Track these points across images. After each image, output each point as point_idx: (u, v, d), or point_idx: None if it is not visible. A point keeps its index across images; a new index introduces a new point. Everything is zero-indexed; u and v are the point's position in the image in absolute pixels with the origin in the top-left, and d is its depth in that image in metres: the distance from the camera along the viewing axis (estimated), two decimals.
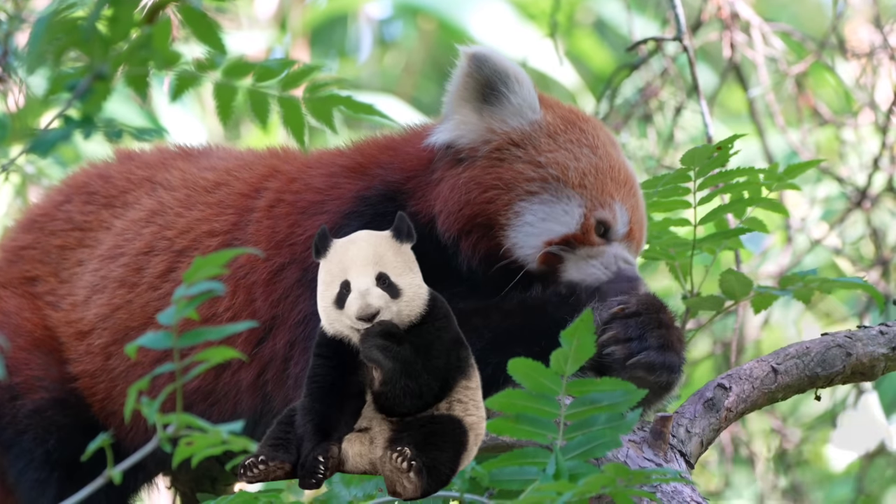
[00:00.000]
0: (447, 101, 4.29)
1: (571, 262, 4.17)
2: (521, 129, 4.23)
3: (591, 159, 4.22)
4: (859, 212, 6.96)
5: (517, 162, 4.20)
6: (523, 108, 4.23)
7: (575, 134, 4.26)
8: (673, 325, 4.04)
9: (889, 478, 8.14)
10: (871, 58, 6.85)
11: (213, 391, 4.31)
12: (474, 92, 4.24)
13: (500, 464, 3.50)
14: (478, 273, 4.18)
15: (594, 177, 4.20)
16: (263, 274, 4.28)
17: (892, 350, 4.21)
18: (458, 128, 4.23)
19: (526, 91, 4.24)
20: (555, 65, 8.02)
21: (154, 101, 8.14)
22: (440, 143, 4.24)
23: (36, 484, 4.44)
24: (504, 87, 4.22)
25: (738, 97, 8.33)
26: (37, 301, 4.64)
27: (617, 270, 4.16)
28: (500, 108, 4.22)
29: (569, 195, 4.17)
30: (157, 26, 3.49)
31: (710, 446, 4.03)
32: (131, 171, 4.74)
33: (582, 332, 3.41)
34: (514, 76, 4.23)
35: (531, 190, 4.17)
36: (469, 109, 4.24)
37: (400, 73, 10.67)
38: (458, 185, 4.18)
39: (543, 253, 4.15)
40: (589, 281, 4.15)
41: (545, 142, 4.23)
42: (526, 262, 4.16)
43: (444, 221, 4.19)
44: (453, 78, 4.27)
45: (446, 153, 4.25)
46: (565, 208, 4.17)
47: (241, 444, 3.22)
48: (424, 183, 4.25)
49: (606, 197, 4.20)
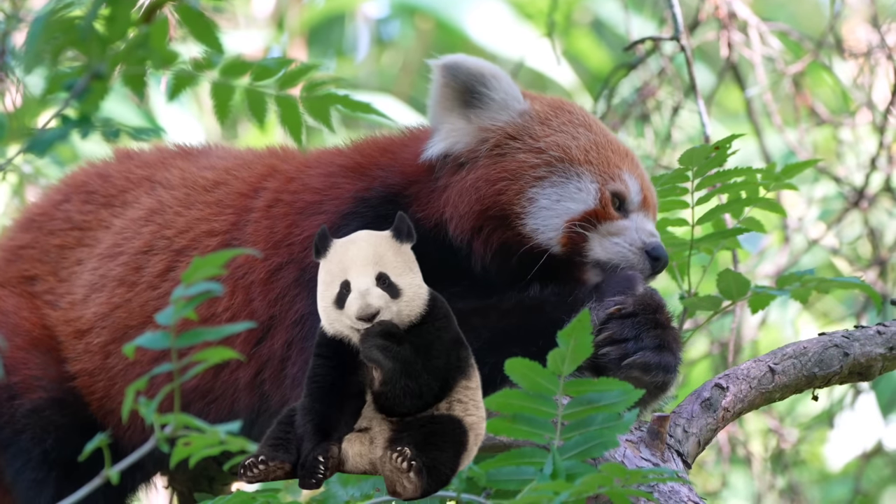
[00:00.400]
0: (431, 115, 4.30)
1: (595, 241, 4.17)
2: (513, 122, 4.24)
3: (588, 136, 4.24)
4: (857, 212, 6.96)
5: (518, 153, 4.21)
6: (508, 101, 4.25)
7: (566, 116, 4.28)
8: (669, 324, 4.04)
9: (886, 477, 8.15)
10: (868, 57, 6.85)
11: (210, 390, 4.32)
12: (455, 100, 4.25)
13: (497, 464, 3.50)
14: (492, 272, 4.18)
15: (597, 152, 4.22)
16: (261, 274, 4.28)
17: (889, 350, 4.21)
18: (449, 136, 4.24)
19: (506, 85, 4.26)
20: (552, 64, 8.02)
21: (151, 100, 8.14)
22: (435, 155, 4.25)
23: (33, 483, 4.44)
24: (483, 87, 4.23)
25: (735, 97, 8.34)
26: (35, 300, 4.64)
27: (643, 245, 4.16)
28: (486, 107, 4.24)
29: (578, 172, 4.19)
30: (154, 26, 3.49)
31: (707, 446, 4.03)
32: (130, 170, 4.74)
33: (579, 332, 3.42)
34: (489, 74, 4.24)
35: (539, 175, 4.18)
36: (455, 117, 4.25)
37: (397, 72, 10.67)
38: (466, 187, 4.19)
39: (565, 234, 4.15)
40: (616, 259, 4.15)
41: (540, 129, 4.24)
42: (549, 246, 4.15)
43: (456, 225, 4.19)
44: (431, 92, 4.28)
45: (445, 162, 4.25)
46: (578, 185, 4.18)
47: (239, 444, 3.22)
48: (428, 190, 4.25)
49: (614, 169, 4.21)
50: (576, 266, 4.18)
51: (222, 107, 3.70)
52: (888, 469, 8.09)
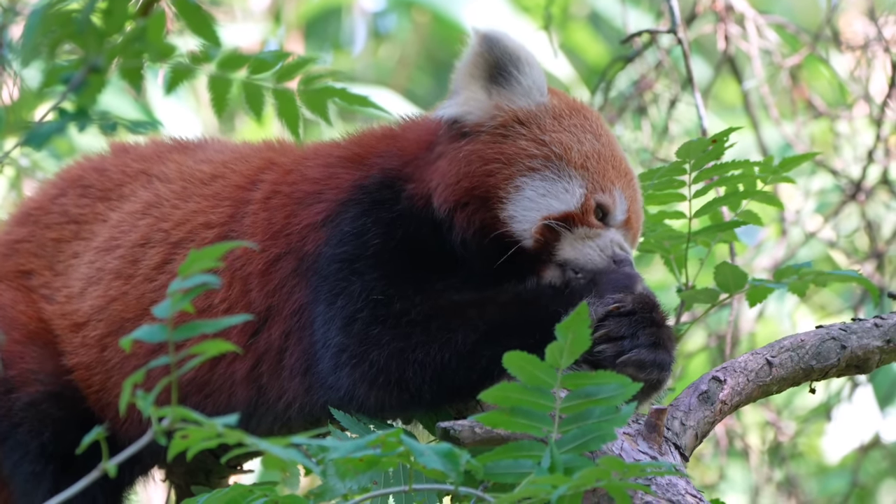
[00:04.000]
0: (456, 77, 4.29)
1: (568, 241, 4.16)
2: (528, 108, 4.23)
3: (594, 144, 4.23)
4: (854, 204, 6.97)
5: (521, 139, 4.20)
6: (532, 90, 4.24)
7: (579, 119, 4.27)
8: (665, 323, 4.04)
9: (884, 470, 8.17)
10: (865, 50, 6.86)
11: (207, 383, 4.31)
12: (484, 71, 4.24)
13: (495, 457, 3.50)
14: (471, 247, 4.17)
15: (596, 161, 4.21)
16: (259, 265, 4.28)
17: (886, 342, 4.22)
18: (466, 103, 4.24)
19: (536, 74, 4.26)
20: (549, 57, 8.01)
21: (148, 93, 8.14)
22: (447, 117, 4.24)
23: (31, 477, 4.44)
24: (515, 68, 4.23)
25: (732, 90, 8.35)
26: (32, 294, 4.64)
27: (612, 255, 4.15)
28: (509, 88, 4.23)
29: (570, 174, 4.18)
30: (151, 19, 3.49)
31: (704, 439, 4.03)
32: (127, 163, 4.74)
33: (577, 325, 3.41)
34: (525, 59, 4.24)
35: (533, 166, 4.18)
36: (478, 87, 4.25)
37: (394, 65, 10.67)
38: (459, 157, 4.18)
39: (540, 226, 4.14)
40: (583, 261, 4.14)
41: (550, 122, 4.23)
42: (522, 237, 4.14)
43: (440, 193, 4.18)
44: (464, 56, 4.27)
45: (450, 129, 4.24)
46: (566, 186, 4.17)
47: (236, 437, 3.21)
48: (423, 164, 4.25)
49: (608, 182, 4.20)
50: (541, 262, 4.17)
51: (219, 100, 3.70)
52: (885, 462, 8.10)
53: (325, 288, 4.15)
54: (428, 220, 4.18)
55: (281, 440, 3.23)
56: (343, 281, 4.13)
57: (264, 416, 4.29)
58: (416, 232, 4.15)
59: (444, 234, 4.18)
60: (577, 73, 9.20)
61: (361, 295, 4.10)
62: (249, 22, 9.62)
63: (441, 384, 4.01)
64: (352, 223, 4.19)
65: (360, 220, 4.19)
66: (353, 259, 4.14)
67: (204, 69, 3.65)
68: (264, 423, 4.29)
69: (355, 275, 4.12)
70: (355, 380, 4.07)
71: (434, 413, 4.10)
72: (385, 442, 3.36)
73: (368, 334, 4.07)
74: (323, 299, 4.15)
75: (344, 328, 4.09)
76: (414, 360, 4.02)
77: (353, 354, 4.07)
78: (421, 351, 4.02)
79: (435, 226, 4.19)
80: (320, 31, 10.21)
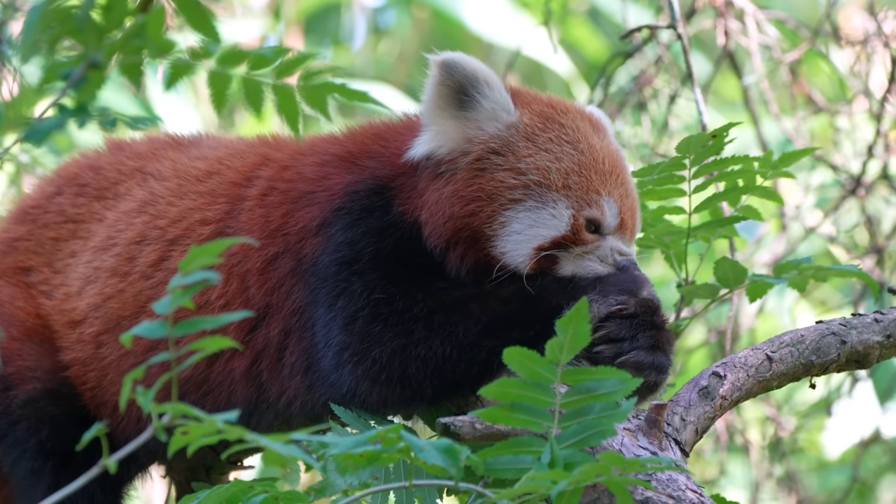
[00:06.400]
0: (423, 111, 4.25)
1: (566, 261, 4.13)
2: (499, 135, 4.17)
3: (572, 157, 4.18)
4: (854, 199, 6.97)
5: (498, 171, 4.15)
6: (497, 111, 4.19)
7: (554, 131, 4.21)
8: (665, 326, 4.04)
9: (884, 465, 8.17)
10: (865, 45, 6.86)
11: (205, 380, 4.31)
12: (449, 99, 4.20)
13: (495, 452, 3.50)
14: (468, 280, 4.15)
15: (578, 175, 4.16)
16: (257, 262, 4.28)
17: (886, 338, 4.22)
18: (435, 138, 4.19)
19: (497, 93, 4.20)
20: (549, 53, 8.01)
21: (148, 89, 8.13)
22: (419, 155, 4.21)
23: (30, 474, 4.44)
24: (476, 91, 4.18)
25: (732, 85, 8.34)
26: (30, 290, 4.64)
27: (613, 262, 4.14)
28: (475, 113, 4.19)
29: (554, 198, 4.13)
30: (151, 15, 3.48)
31: (705, 434, 4.03)
32: (122, 161, 4.73)
33: (577, 321, 3.41)
34: (483, 79, 4.18)
35: (514, 198, 4.13)
36: (446, 117, 4.19)
37: (394, 61, 10.67)
38: (442, 198, 4.15)
39: (535, 255, 4.11)
40: (585, 274, 4.13)
41: (524, 146, 4.18)
42: (519, 269, 4.11)
43: (430, 233, 4.15)
44: (427, 88, 4.23)
45: (427, 164, 4.21)
46: (552, 212, 4.13)
47: (237, 433, 3.21)
48: (410, 186, 4.22)
49: (592, 194, 4.15)
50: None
51: (219, 96, 3.69)
52: (886, 457, 8.10)
53: (324, 291, 4.15)
54: (419, 235, 4.17)
55: (281, 436, 3.23)
56: (343, 282, 4.12)
57: (265, 414, 4.29)
58: (407, 240, 4.14)
59: (438, 261, 4.17)
60: (576, 68, 9.20)
61: (363, 294, 4.09)
62: (249, 18, 9.62)
63: (443, 379, 4.01)
64: (343, 234, 4.17)
65: (350, 231, 4.17)
66: (352, 262, 4.13)
67: (203, 65, 3.65)
68: (265, 421, 4.29)
69: (355, 275, 4.11)
70: (357, 377, 4.06)
71: (435, 409, 4.10)
72: (385, 438, 3.36)
73: (370, 332, 4.06)
74: (323, 302, 4.14)
75: (345, 327, 4.08)
76: (416, 355, 4.02)
77: (356, 352, 4.07)
78: (423, 346, 4.01)
79: (421, 240, 4.18)
80: (320, 26, 10.20)
